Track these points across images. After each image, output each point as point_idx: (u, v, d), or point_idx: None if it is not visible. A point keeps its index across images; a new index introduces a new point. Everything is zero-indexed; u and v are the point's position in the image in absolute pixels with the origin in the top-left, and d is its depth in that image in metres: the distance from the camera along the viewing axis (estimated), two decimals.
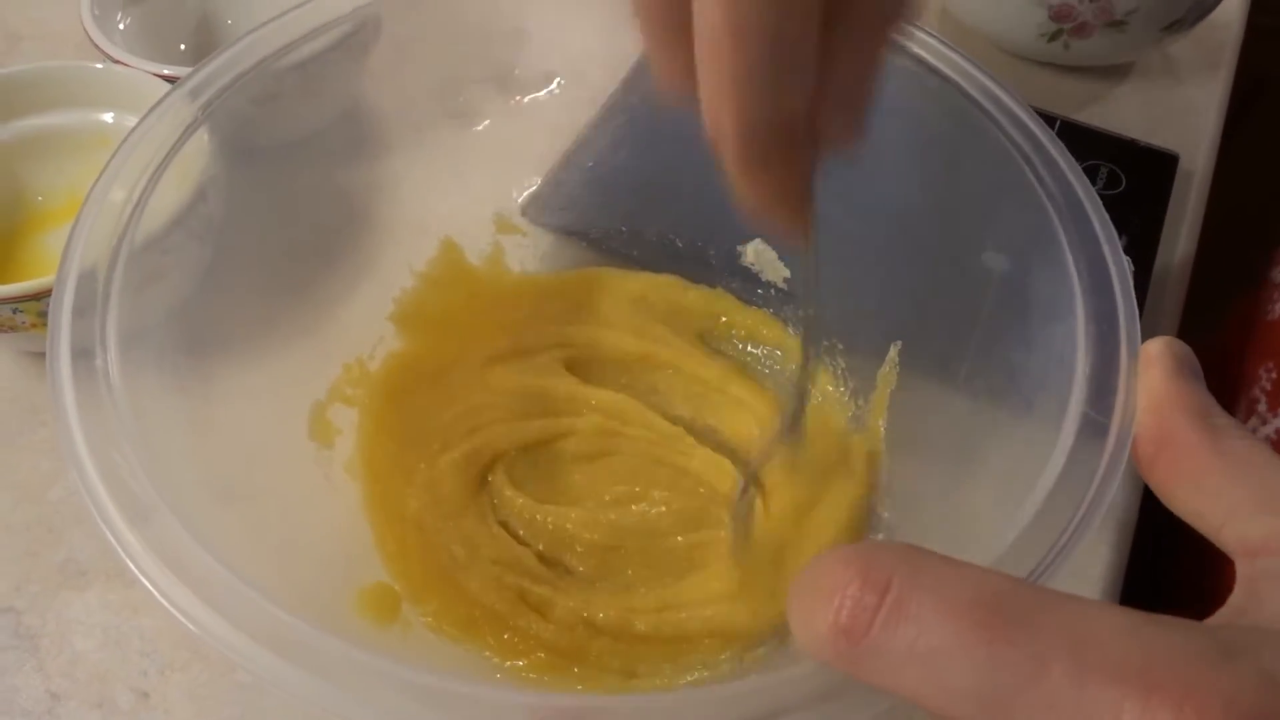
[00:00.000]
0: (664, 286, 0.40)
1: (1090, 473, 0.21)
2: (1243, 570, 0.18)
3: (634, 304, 0.39)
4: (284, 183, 0.36)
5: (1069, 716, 0.15)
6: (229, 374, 0.32)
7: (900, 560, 0.17)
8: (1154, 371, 0.22)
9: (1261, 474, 0.19)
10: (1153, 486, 0.21)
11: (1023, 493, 0.21)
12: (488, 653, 0.29)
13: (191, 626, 0.20)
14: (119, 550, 0.21)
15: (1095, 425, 0.22)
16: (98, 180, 0.28)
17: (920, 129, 0.32)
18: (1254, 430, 0.40)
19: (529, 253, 0.41)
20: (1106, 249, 0.25)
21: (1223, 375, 0.44)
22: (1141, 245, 0.44)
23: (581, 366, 0.38)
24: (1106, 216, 0.26)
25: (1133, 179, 0.47)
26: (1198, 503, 0.20)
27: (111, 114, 0.41)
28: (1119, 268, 0.25)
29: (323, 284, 0.38)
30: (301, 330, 0.36)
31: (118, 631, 0.33)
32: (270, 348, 0.34)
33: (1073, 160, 0.27)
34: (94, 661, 0.33)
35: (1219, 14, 0.52)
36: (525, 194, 0.42)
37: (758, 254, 0.39)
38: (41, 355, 0.39)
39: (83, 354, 0.25)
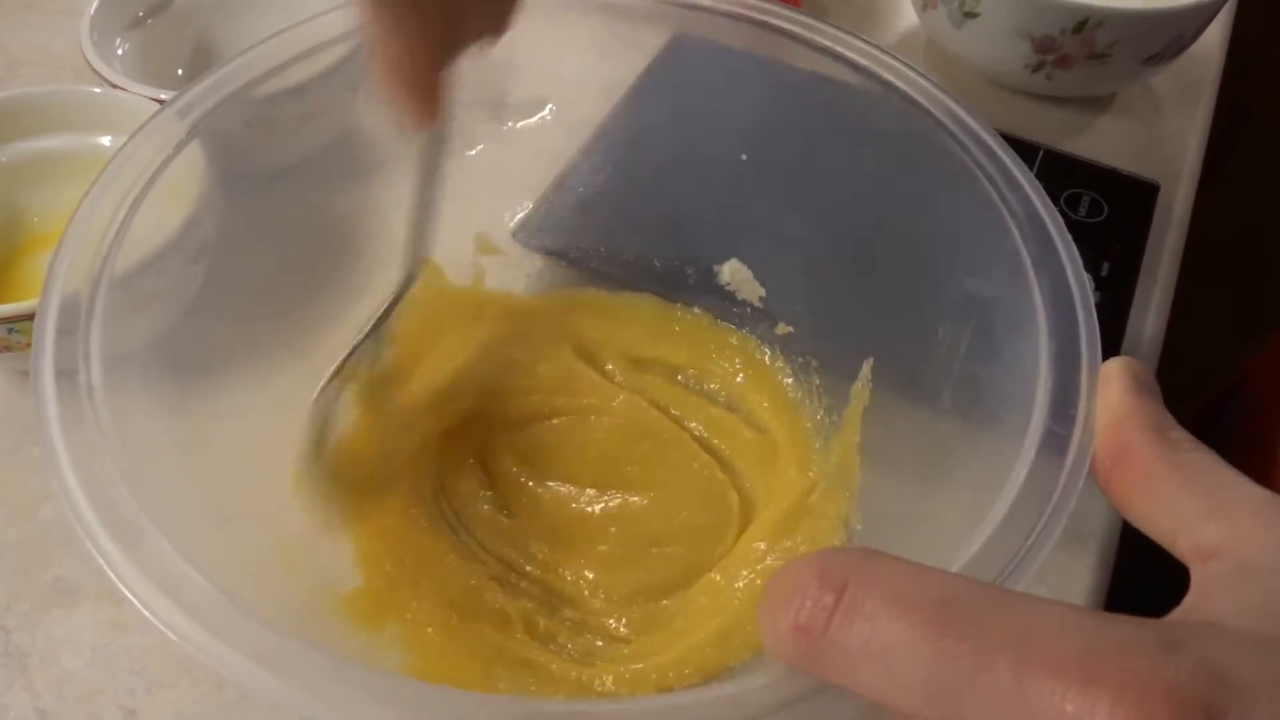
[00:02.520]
0: (642, 305, 0.41)
1: (1051, 485, 0.22)
2: (1196, 575, 0.19)
3: (614, 320, 0.40)
4: (278, 207, 0.37)
5: (1013, 708, 0.15)
6: (216, 394, 0.32)
7: (856, 563, 0.17)
8: (1111, 389, 0.23)
9: (1214, 484, 0.20)
10: (1111, 499, 0.22)
11: (988, 504, 0.22)
12: (469, 662, 0.29)
13: (175, 638, 0.20)
14: (104, 565, 0.21)
15: (1056, 439, 0.22)
16: (85, 196, 0.28)
17: (891, 152, 0.33)
18: None
19: (512, 274, 0.42)
20: (1068, 268, 0.26)
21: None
22: (1123, 272, 0.45)
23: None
24: (1069, 236, 0.27)
25: (1114, 207, 0.48)
26: (1153, 513, 0.20)
27: (109, 138, 0.41)
28: (1080, 285, 0.25)
29: (314, 306, 0.38)
30: (294, 352, 0.37)
31: (107, 650, 0.33)
32: (259, 369, 0.35)
33: (1036, 181, 0.28)
34: (82, 680, 0.33)
35: (1198, 48, 0.54)
36: (517, 218, 0.43)
37: (733, 273, 0.40)
38: None
39: (67, 373, 0.25)
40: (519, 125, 0.42)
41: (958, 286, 0.30)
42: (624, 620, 0.33)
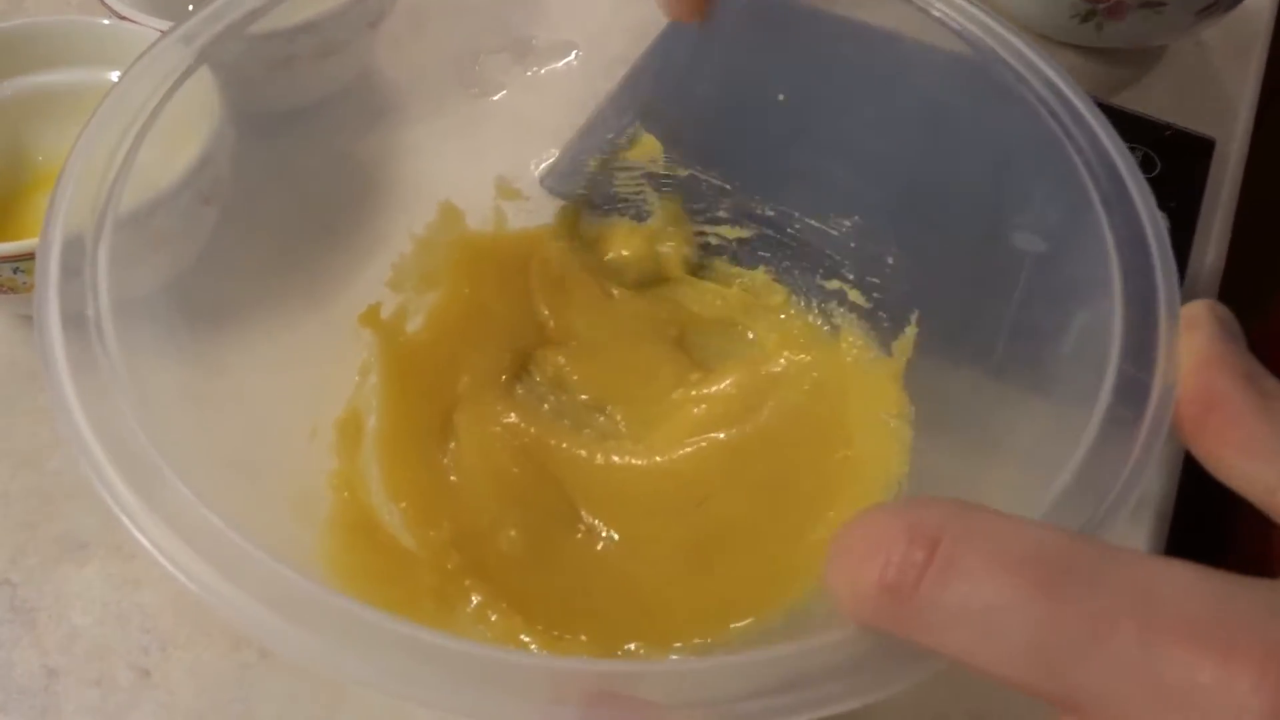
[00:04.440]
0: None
1: (1128, 442, 0.20)
2: None
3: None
4: (295, 149, 0.35)
5: (1139, 679, 0.14)
6: (230, 344, 0.31)
7: (950, 515, 0.16)
8: (1197, 334, 0.21)
9: None
10: (1197, 451, 0.20)
11: (1053, 468, 0.20)
12: (495, 612, 0.28)
13: (196, 588, 0.19)
14: (118, 512, 0.20)
15: (1132, 392, 0.20)
16: (85, 128, 0.26)
17: (943, 89, 0.31)
18: None
19: (533, 219, 0.40)
20: (1140, 205, 0.23)
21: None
22: (1178, 230, 0.43)
23: None
24: (1139, 173, 0.24)
25: (1168, 163, 0.46)
26: (1247, 467, 0.19)
27: (117, 72, 0.39)
28: (1154, 224, 0.23)
29: (331, 256, 0.36)
30: (310, 303, 0.35)
31: (118, 607, 0.32)
32: (273, 320, 0.33)
33: (1100, 114, 0.26)
34: (93, 637, 0.31)
35: (1252, 0, 0.51)
36: (544, 165, 0.41)
37: None
38: None
39: (74, 313, 0.23)
40: (544, 70, 0.40)
41: (1018, 228, 0.28)
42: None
